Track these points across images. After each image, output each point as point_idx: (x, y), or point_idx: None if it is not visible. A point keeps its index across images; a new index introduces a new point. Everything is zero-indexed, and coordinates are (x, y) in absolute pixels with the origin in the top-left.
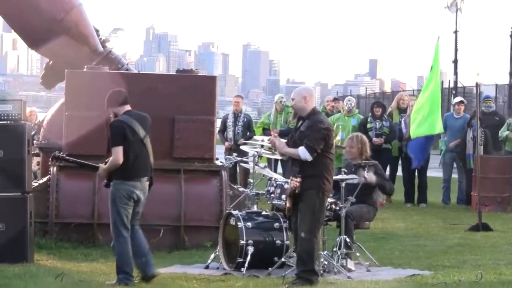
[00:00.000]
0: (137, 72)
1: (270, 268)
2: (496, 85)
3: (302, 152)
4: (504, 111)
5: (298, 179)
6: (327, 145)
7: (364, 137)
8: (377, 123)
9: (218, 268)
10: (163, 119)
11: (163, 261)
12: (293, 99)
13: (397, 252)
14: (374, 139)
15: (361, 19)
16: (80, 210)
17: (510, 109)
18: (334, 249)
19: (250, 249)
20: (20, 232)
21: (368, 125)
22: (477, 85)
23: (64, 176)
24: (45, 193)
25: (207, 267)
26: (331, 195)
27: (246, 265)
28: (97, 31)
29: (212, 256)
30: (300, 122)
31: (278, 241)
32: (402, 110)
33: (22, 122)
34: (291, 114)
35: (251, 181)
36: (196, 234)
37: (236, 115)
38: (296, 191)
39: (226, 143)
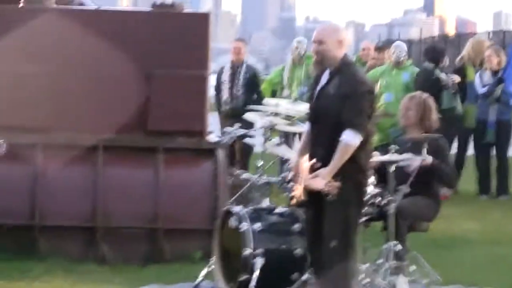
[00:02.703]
0: (96, 8)
1: None
2: None
3: (351, 139)
4: None
5: (337, 184)
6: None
7: (430, 99)
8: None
9: None
10: (134, 75)
11: (136, 278)
12: (320, 42)
13: (469, 265)
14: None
15: None
16: (14, 206)
17: None
18: (380, 261)
19: (259, 262)
20: None
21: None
22: None
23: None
24: None
25: None
26: (374, 184)
27: (253, 284)
28: None
29: (204, 271)
30: (326, 79)
31: (298, 250)
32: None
33: None
34: (312, 64)
35: (260, 164)
36: (180, 241)
37: (235, 68)
38: (330, 197)
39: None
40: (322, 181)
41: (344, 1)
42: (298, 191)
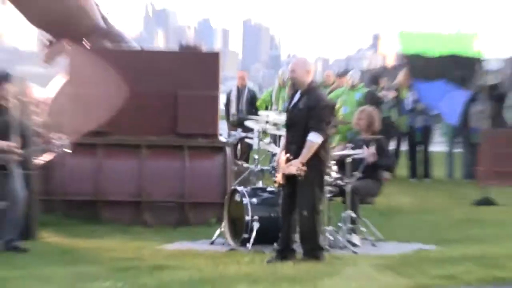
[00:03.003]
0: (140, 49)
1: (275, 244)
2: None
3: (314, 139)
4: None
5: (304, 168)
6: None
7: (375, 112)
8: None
9: (223, 244)
10: (166, 95)
11: (169, 237)
12: (293, 71)
13: (402, 227)
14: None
15: None
16: (84, 187)
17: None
18: (340, 225)
19: (256, 225)
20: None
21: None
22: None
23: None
24: (50, 170)
25: (212, 243)
26: (336, 171)
27: (251, 240)
28: (97, 5)
29: (217, 232)
30: (297, 97)
31: None
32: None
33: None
34: (288, 87)
35: (256, 157)
36: (201, 211)
37: (240, 90)
38: (299, 178)
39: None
40: (294, 168)
41: (315, 42)
42: (279, 176)
